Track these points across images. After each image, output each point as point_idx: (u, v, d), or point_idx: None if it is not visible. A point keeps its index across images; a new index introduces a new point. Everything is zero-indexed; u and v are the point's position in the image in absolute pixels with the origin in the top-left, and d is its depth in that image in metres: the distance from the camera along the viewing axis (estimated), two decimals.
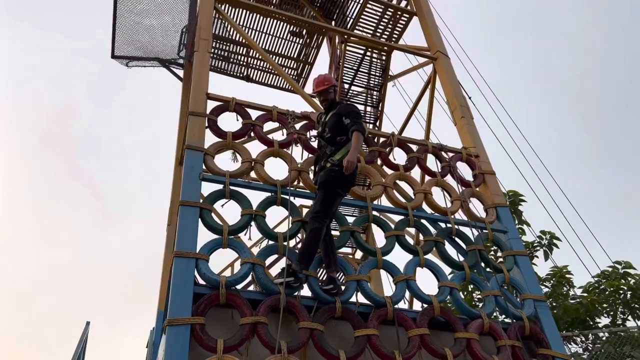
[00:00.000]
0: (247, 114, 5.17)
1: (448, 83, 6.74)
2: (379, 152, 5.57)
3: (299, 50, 9.78)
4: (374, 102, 8.52)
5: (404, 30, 8.07)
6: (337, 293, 4.14)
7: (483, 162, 5.95)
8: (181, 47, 9.35)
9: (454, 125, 6.52)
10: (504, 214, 5.52)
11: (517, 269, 5.09)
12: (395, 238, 4.85)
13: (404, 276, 4.53)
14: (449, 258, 4.95)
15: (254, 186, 4.69)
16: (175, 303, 3.67)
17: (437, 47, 7.13)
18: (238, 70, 9.70)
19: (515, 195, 9.73)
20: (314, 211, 4.28)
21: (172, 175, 8.27)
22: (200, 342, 3.57)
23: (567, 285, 9.46)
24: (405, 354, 3.97)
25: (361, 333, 3.98)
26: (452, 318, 4.38)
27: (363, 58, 8.03)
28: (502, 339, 4.37)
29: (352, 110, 4.56)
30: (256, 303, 3.86)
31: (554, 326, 4.74)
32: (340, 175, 4.26)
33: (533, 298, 4.83)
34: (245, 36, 6.65)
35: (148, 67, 9.66)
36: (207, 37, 5.72)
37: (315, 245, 4.15)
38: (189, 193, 4.30)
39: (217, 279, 3.87)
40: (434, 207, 5.31)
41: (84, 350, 6.57)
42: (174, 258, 3.88)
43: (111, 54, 9.02)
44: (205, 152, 4.65)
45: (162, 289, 7.13)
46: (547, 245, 9.64)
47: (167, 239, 7.57)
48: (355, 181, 4.51)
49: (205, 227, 4.23)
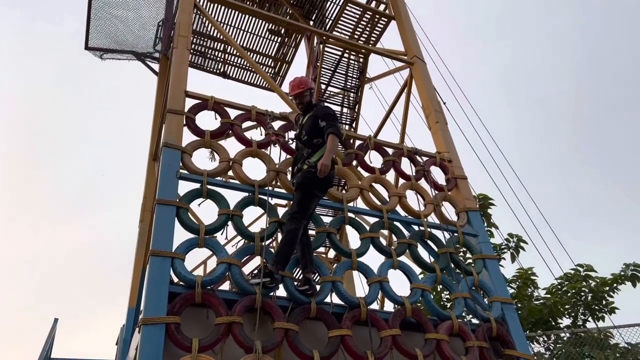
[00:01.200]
0: (226, 113, 5.16)
1: (424, 88, 6.87)
2: (355, 154, 5.64)
3: (277, 48, 9.78)
4: (350, 103, 8.60)
5: (381, 33, 8.17)
6: (313, 294, 4.20)
7: (456, 167, 6.09)
8: (157, 40, 9.23)
9: (428, 129, 6.66)
10: (475, 218, 5.68)
11: (486, 272, 5.25)
12: (370, 240, 4.93)
13: (378, 278, 4.61)
14: (421, 260, 5.07)
15: (232, 186, 4.70)
16: (151, 302, 3.65)
17: (414, 52, 7.25)
18: (216, 66, 9.64)
19: (485, 198, 9.97)
20: (291, 212, 4.32)
21: (145, 170, 8.17)
22: (175, 342, 3.57)
23: (532, 287, 9.76)
24: (377, 354, 4.05)
25: (335, 333, 4.04)
26: (423, 319, 4.49)
27: (341, 59, 8.10)
28: (470, 340, 4.51)
29: (327, 113, 4.61)
30: (232, 303, 3.88)
31: (520, 328, 4.92)
32: (316, 177, 4.30)
33: (500, 300, 4.99)
34: (223, 33, 6.62)
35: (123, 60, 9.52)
36: (187, 33, 5.67)
37: (292, 246, 4.19)
38: (165, 191, 4.27)
39: (193, 278, 3.87)
40: (407, 210, 5.42)
41: (51, 347, 6.46)
42: (150, 257, 3.86)
43: (85, 45, 8.85)
44: (183, 150, 4.63)
45: (134, 286, 7.05)
46: (514, 247, 9.92)
47: (139, 235, 7.47)
48: (332, 183, 4.56)
49: (182, 226, 4.22)
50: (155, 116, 8.43)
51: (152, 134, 8.28)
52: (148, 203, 7.44)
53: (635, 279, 9.21)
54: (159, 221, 4.09)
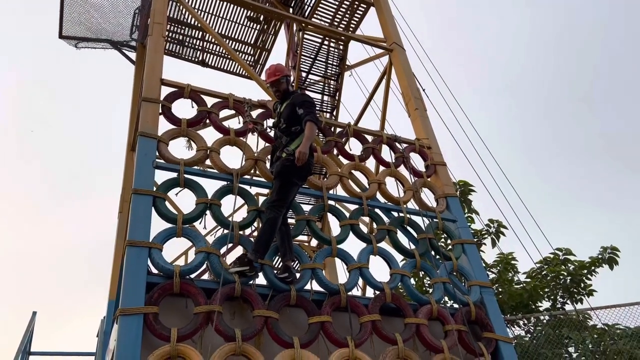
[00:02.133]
0: (203, 101, 5.10)
1: (403, 75, 6.87)
2: (335, 142, 5.63)
3: (257, 36, 9.68)
4: (331, 91, 8.57)
5: (361, 20, 8.14)
6: (292, 281, 4.20)
7: (435, 154, 6.12)
8: (133, 28, 9.06)
9: (408, 116, 6.67)
10: (454, 204, 5.72)
11: (465, 257, 5.30)
12: (349, 227, 4.94)
13: (358, 264, 4.63)
14: (400, 246, 5.10)
15: (209, 175, 4.66)
16: (128, 292, 3.62)
17: (394, 38, 7.23)
18: (193, 54, 9.51)
19: (465, 185, 10.07)
20: (270, 201, 4.30)
21: (124, 160, 8.06)
22: (154, 331, 3.55)
23: (512, 271, 9.91)
24: (357, 339, 4.08)
25: (315, 320, 4.06)
26: (403, 304, 4.53)
27: (320, 47, 8.06)
28: (449, 323, 4.56)
29: (305, 100, 4.58)
30: (211, 292, 3.87)
31: (498, 311, 4.99)
32: (295, 165, 4.28)
33: (479, 284, 5.05)
34: (200, 20, 6.53)
35: (98, 49, 9.33)
36: (162, 20, 5.58)
37: (271, 234, 4.18)
38: (142, 181, 4.22)
39: (171, 268, 3.84)
40: (387, 197, 5.44)
41: (30, 341, 6.38)
42: (127, 247, 3.82)
43: (59, 34, 8.64)
44: (159, 139, 4.57)
45: (114, 278, 6.97)
46: (494, 233, 10.06)
47: (118, 226, 7.39)
48: (311, 171, 4.55)
49: (159, 216, 4.17)
50: (133, 106, 8.30)
51: (130, 123, 8.16)
52: (126, 194, 7.35)
53: (612, 262, 9.41)
54: (135, 211, 4.04)
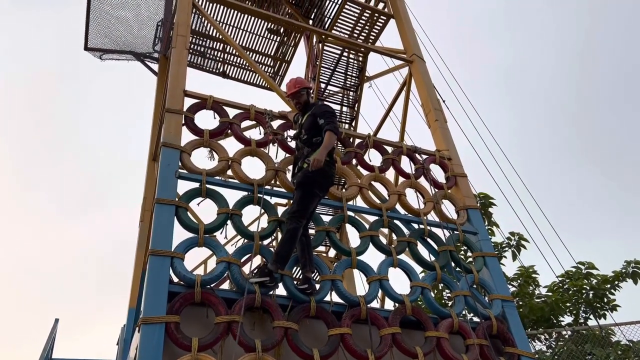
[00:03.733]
0: (225, 112, 5.16)
1: (423, 86, 6.86)
2: (354, 153, 5.64)
3: (277, 48, 9.78)
4: (350, 102, 8.59)
5: (381, 32, 8.16)
6: (312, 293, 4.19)
7: (455, 165, 6.09)
8: (156, 40, 9.23)
9: (428, 127, 6.65)
10: (475, 216, 5.67)
11: (487, 270, 5.24)
12: (369, 238, 4.93)
13: (378, 276, 4.61)
14: (421, 258, 5.06)
15: (231, 185, 4.70)
16: (150, 301, 3.65)
17: (413, 50, 7.24)
18: (215, 66, 9.63)
19: (486, 197, 9.98)
20: (291, 211, 4.31)
21: (145, 170, 8.17)
22: (175, 341, 3.57)
23: (533, 285, 9.76)
24: (377, 352, 4.05)
25: (335, 332, 4.04)
26: (423, 317, 4.48)
27: (340, 58, 8.09)
28: (470, 337, 4.50)
29: (326, 111, 4.62)
30: (231, 302, 3.88)
31: (520, 325, 4.91)
32: (316, 175, 4.30)
33: (501, 298, 4.98)
34: (222, 32, 6.62)
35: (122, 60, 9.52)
36: (185, 33, 5.67)
37: (292, 245, 4.18)
38: (164, 191, 4.27)
39: (193, 277, 3.87)
40: (407, 208, 5.41)
41: (52, 348, 6.47)
42: (149, 256, 3.86)
43: (84, 45, 8.85)
44: (182, 149, 4.63)
45: (134, 286, 7.05)
46: (515, 246, 9.93)
47: (139, 235, 7.47)
48: (332, 182, 4.56)
49: (181, 226, 4.21)
50: (155, 116, 8.43)
51: (152, 134, 8.28)
52: (148, 203, 7.44)
53: (636, 277, 9.21)
54: (158, 220, 4.09)
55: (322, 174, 4.31)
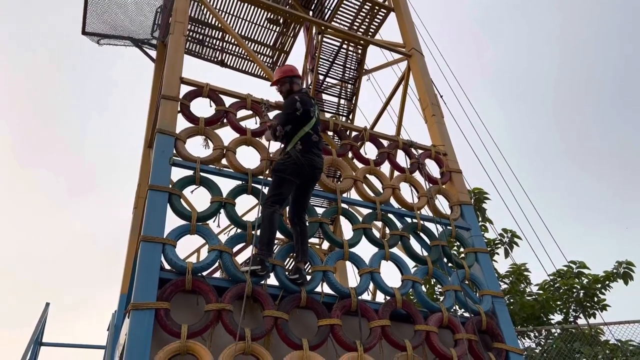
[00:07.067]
0: (221, 101, 5.14)
1: (421, 81, 6.84)
2: (350, 145, 5.63)
3: (276, 38, 9.72)
4: (348, 95, 8.57)
5: (380, 25, 8.13)
6: (303, 283, 4.20)
7: (450, 161, 6.09)
8: (155, 27, 9.16)
9: (424, 122, 6.64)
10: (468, 212, 5.68)
11: (478, 266, 5.26)
12: (362, 231, 4.93)
13: (369, 268, 4.62)
14: (413, 252, 5.07)
15: (225, 173, 4.69)
16: (141, 287, 3.66)
17: (412, 44, 7.22)
18: (213, 54, 9.58)
19: (480, 192, 9.99)
20: (265, 198, 4.35)
21: (141, 156, 8.14)
22: (165, 327, 3.57)
23: (524, 282, 9.81)
24: (366, 344, 4.07)
25: (324, 322, 4.05)
26: (413, 311, 4.50)
27: (339, 50, 8.05)
28: (459, 332, 4.52)
29: (285, 104, 4.68)
30: (222, 290, 3.89)
31: (510, 322, 4.93)
32: (287, 163, 4.33)
33: (491, 294, 5.01)
34: (221, 20, 6.58)
35: (120, 46, 9.45)
36: (183, 20, 5.63)
37: (270, 229, 4.19)
38: (158, 177, 4.26)
39: (184, 264, 3.86)
40: (401, 202, 5.42)
41: (42, 332, 6.46)
42: (141, 242, 3.85)
43: (82, 30, 8.78)
44: (177, 137, 4.61)
45: (126, 273, 7.04)
46: (507, 243, 9.97)
47: (132, 222, 7.45)
48: (313, 171, 4.45)
49: (174, 213, 4.20)
50: (152, 103, 8.39)
51: (148, 121, 8.25)
52: (142, 190, 7.42)
53: (627, 277, 9.27)
54: (150, 207, 4.08)
55: (292, 162, 4.33)
